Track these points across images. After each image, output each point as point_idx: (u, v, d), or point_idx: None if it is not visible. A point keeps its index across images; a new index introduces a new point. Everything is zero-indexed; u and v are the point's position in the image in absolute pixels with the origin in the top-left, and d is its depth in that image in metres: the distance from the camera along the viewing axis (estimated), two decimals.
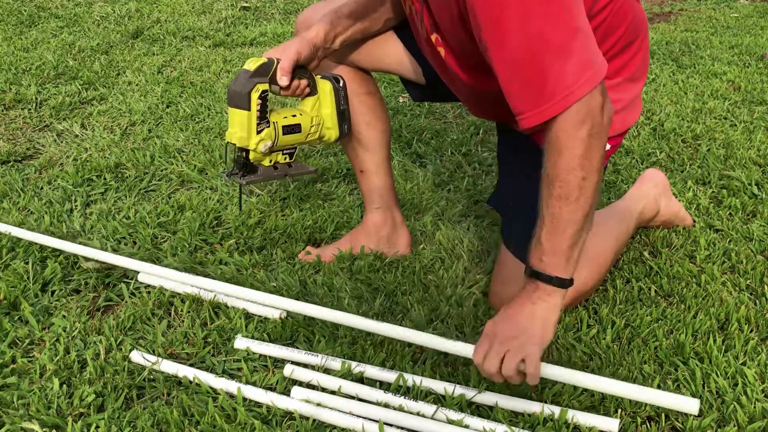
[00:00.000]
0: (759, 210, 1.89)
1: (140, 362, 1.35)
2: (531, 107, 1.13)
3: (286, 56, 1.42)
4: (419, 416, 1.20)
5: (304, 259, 1.70)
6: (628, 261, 1.68)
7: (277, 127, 1.45)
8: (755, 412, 1.20)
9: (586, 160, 1.14)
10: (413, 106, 2.77)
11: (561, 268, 1.17)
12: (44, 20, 4.14)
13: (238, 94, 1.39)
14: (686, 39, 3.73)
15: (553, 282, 1.17)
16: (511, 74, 1.14)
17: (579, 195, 1.15)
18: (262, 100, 1.40)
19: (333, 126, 1.54)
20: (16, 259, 1.68)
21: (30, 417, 1.22)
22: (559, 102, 1.11)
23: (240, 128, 1.41)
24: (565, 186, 1.14)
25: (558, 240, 1.17)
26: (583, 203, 1.16)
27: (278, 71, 1.42)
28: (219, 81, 3.07)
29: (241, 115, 1.40)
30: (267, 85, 1.41)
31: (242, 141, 1.42)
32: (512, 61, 1.13)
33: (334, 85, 1.52)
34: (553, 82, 1.11)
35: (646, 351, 1.36)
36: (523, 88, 1.14)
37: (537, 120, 1.13)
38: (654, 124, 2.54)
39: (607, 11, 1.29)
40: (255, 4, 4.65)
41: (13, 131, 2.54)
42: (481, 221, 1.89)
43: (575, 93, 1.11)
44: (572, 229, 1.16)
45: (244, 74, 1.40)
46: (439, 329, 1.44)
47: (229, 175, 1.48)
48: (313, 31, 1.46)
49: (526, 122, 1.15)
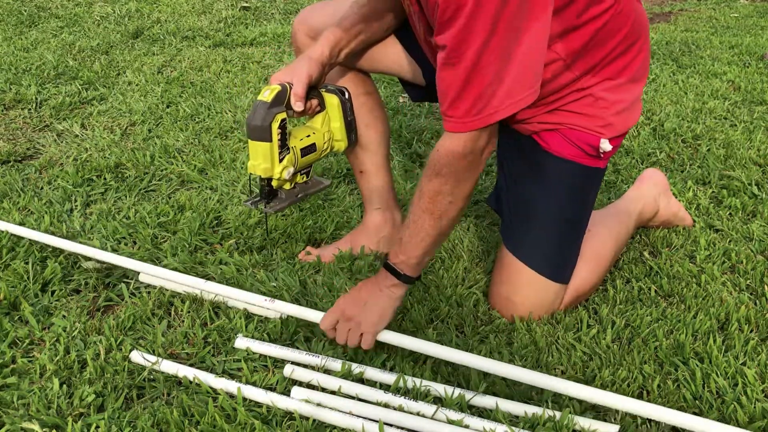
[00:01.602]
0: (759, 210, 1.89)
1: (140, 362, 1.35)
2: (463, 115, 1.21)
3: (299, 80, 1.41)
4: (419, 416, 1.20)
5: (304, 259, 1.70)
6: (628, 261, 1.68)
7: (296, 151, 1.45)
8: (755, 412, 1.20)
9: (457, 188, 1.27)
10: (413, 106, 2.77)
11: (411, 269, 1.33)
12: (44, 20, 4.14)
13: (260, 128, 1.38)
14: (686, 39, 3.73)
15: (401, 278, 1.33)
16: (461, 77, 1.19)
17: (441, 215, 1.28)
18: (282, 129, 1.40)
19: (342, 138, 1.56)
20: (16, 259, 1.68)
21: (30, 417, 1.22)
22: (483, 118, 1.21)
23: (264, 160, 1.40)
24: (433, 204, 1.28)
25: (415, 246, 1.31)
26: (443, 223, 1.29)
27: (293, 97, 1.41)
28: (219, 81, 3.07)
29: (263, 147, 1.39)
30: (285, 114, 1.41)
31: (267, 172, 1.42)
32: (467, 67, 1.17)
33: (341, 98, 1.53)
34: (486, 98, 1.19)
35: (646, 351, 1.36)
36: (462, 95, 1.20)
37: (463, 128, 1.22)
38: (654, 124, 2.54)
39: (610, 13, 1.30)
40: (255, 4, 4.65)
41: (13, 131, 2.54)
42: (481, 221, 1.89)
43: (494, 115, 1.20)
44: (428, 240, 1.30)
45: (262, 106, 1.38)
46: (439, 329, 1.44)
47: (255, 204, 1.48)
48: (318, 49, 1.46)
49: (452, 126, 1.23)
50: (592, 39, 1.30)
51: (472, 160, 1.26)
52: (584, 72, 1.34)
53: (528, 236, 1.46)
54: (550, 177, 1.42)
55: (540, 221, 1.45)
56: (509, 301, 1.46)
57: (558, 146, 1.39)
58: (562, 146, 1.39)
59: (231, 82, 3.05)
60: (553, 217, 1.44)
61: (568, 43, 1.29)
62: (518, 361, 1.34)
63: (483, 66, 1.16)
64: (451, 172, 1.25)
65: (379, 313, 1.33)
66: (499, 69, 1.17)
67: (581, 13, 1.27)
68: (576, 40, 1.29)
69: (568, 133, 1.39)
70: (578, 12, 1.27)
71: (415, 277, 1.34)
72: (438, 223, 1.29)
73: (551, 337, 1.41)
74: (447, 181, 1.26)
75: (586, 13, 1.27)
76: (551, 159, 1.41)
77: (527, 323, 1.44)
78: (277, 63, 3.36)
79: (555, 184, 1.42)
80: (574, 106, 1.37)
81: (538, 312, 1.45)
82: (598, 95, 1.36)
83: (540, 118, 1.39)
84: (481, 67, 1.17)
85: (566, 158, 1.40)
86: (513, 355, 1.36)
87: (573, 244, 1.48)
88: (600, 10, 1.28)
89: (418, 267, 1.34)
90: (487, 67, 1.16)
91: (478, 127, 1.22)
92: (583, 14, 1.27)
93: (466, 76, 1.18)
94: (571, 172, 1.41)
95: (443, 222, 1.29)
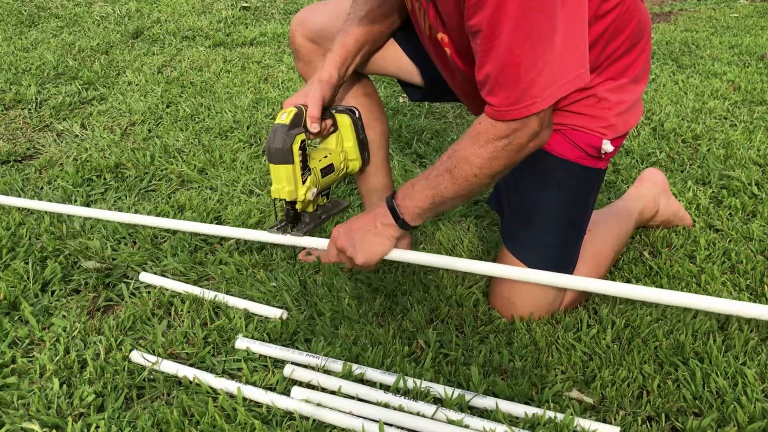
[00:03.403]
0: (759, 210, 1.89)
1: (140, 362, 1.35)
2: (510, 103, 1.18)
3: (313, 103, 1.42)
4: (419, 416, 1.20)
5: (304, 259, 1.70)
6: (628, 261, 1.68)
7: (317, 172, 1.46)
8: (755, 412, 1.20)
9: (486, 165, 1.24)
10: (413, 106, 2.77)
11: (412, 216, 1.34)
12: (44, 20, 4.14)
13: (282, 151, 1.38)
14: (686, 39, 3.73)
15: (398, 221, 1.35)
16: (501, 64, 1.16)
17: (462, 182, 1.27)
18: (302, 150, 1.40)
19: (356, 157, 1.57)
20: (16, 259, 1.68)
21: (30, 417, 1.22)
22: (522, 109, 1.18)
23: (287, 183, 1.40)
24: (457, 169, 1.26)
25: (425, 196, 1.31)
26: (460, 188, 1.28)
27: (308, 119, 1.42)
28: (219, 81, 3.07)
29: (286, 170, 1.39)
30: (304, 134, 1.41)
31: (292, 195, 1.42)
32: (505, 52, 1.14)
33: (352, 117, 1.53)
34: (524, 86, 1.16)
35: (646, 351, 1.36)
36: (505, 81, 1.17)
37: (503, 117, 1.20)
38: (654, 124, 2.54)
39: (616, 12, 1.29)
40: (255, 4, 4.65)
41: (13, 131, 2.54)
42: (481, 221, 1.89)
43: (533, 106, 1.18)
44: (440, 198, 1.30)
45: (281, 129, 1.38)
46: (439, 329, 1.44)
47: (281, 230, 1.49)
48: (327, 72, 1.46)
49: (492, 114, 1.21)
50: (600, 37, 1.30)
51: (513, 144, 1.22)
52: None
53: (528, 237, 1.46)
54: (550, 178, 1.42)
55: (540, 222, 1.45)
56: (509, 301, 1.46)
57: (559, 147, 1.39)
58: (563, 147, 1.39)
59: (231, 82, 3.05)
60: (554, 218, 1.44)
61: None
62: (518, 361, 1.34)
63: (518, 50, 1.13)
64: (487, 147, 1.23)
65: (368, 250, 1.36)
66: (536, 55, 1.13)
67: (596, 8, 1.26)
68: None
69: (569, 134, 1.38)
70: (595, 7, 1.25)
71: (412, 225, 1.35)
72: (455, 187, 1.27)
73: (551, 337, 1.41)
74: (479, 154, 1.23)
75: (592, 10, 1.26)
76: (552, 160, 1.41)
77: (527, 323, 1.44)
78: (277, 63, 3.36)
79: (556, 185, 1.42)
80: (577, 106, 1.37)
81: (538, 312, 1.45)
82: (601, 96, 1.36)
83: None
84: (517, 53, 1.13)
85: (567, 159, 1.40)
86: (513, 355, 1.36)
87: (573, 244, 1.48)
88: (607, 8, 1.28)
89: (419, 217, 1.33)
90: (522, 51, 1.13)
91: (517, 117, 1.19)
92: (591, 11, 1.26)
93: (502, 61, 1.14)
94: (572, 172, 1.41)
95: (460, 189, 1.28)
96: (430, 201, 1.31)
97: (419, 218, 1.34)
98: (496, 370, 1.32)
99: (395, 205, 1.34)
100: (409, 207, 1.32)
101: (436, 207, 1.32)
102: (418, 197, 1.31)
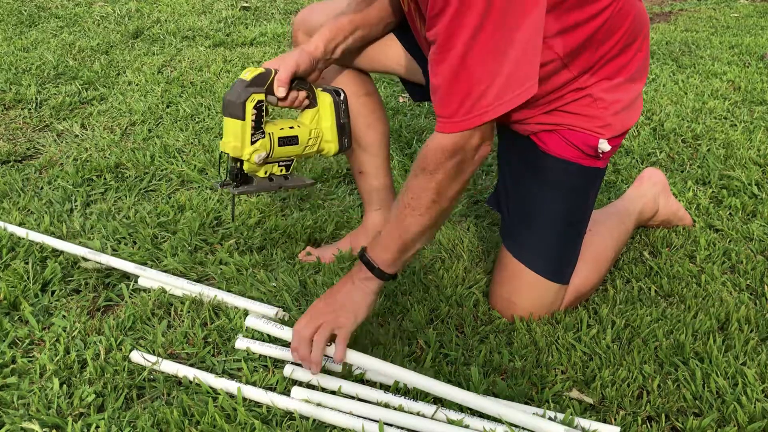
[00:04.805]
0: (759, 210, 1.89)
1: (140, 362, 1.35)
2: (462, 113, 1.18)
3: (284, 67, 1.41)
4: (419, 416, 1.20)
5: (304, 259, 1.70)
6: (628, 261, 1.68)
7: (273, 138, 1.43)
8: (755, 412, 1.20)
9: (443, 188, 1.22)
10: (413, 106, 2.77)
11: (387, 265, 1.28)
12: (44, 20, 4.14)
13: (233, 104, 1.37)
14: (686, 39, 3.73)
15: (374, 272, 1.28)
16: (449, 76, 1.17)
17: (425, 212, 1.24)
18: (257, 110, 1.39)
19: (332, 139, 1.53)
20: (16, 259, 1.68)
21: (30, 417, 1.22)
22: (472, 119, 1.18)
23: (234, 138, 1.39)
24: (416, 200, 1.24)
25: (394, 241, 1.26)
26: (426, 220, 1.25)
27: (275, 82, 1.40)
28: (219, 81, 3.07)
29: (235, 125, 1.38)
30: (263, 96, 1.39)
31: (236, 151, 1.40)
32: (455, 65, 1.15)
33: (335, 98, 1.51)
34: (475, 96, 1.16)
35: (646, 351, 1.36)
36: (458, 91, 1.17)
37: (453, 129, 1.19)
38: (654, 124, 2.54)
39: (608, 12, 1.29)
40: (255, 4, 4.65)
41: (13, 131, 2.54)
42: (481, 221, 1.89)
43: (484, 115, 1.17)
44: (408, 236, 1.26)
45: (240, 83, 1.38)
46: (439, 329, 1.44)
47: (223, 185, 1.45)
48: (313, 44, 1.45)
49: (442, 127, 1.20)
50: (591, 37, 1.30)
51: (462, 160, 1.22)
52: (582, 71, 1.33)
53: (528, 237, 1.46)
54: (549, 178, 1.42)
55: (540, 222, 1.45)
56: (510, 301, 1.46)
57: (556, 147, 1.39)
58: (560, 147, 1.39)
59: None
60: (553, 218, 1.44)
61: (566, 41, 1.28)
62: (518, 361, 1.34)
63: (472, 62, 1.14)
64: (438, 171, 1.22)
65: (352, 306, 1.27)
66: (489, 67, 1.15)
67: (577, 11, 1.26)
68: (574, 38, 1.28)
69: (566, 134, 1.38)
70: (572, 9, 1.25)
71: (389, 274, 1.29)
72: (419, 221, 1.25)
73: (551, 337, 1.41)
74: (433, 178, 1.22)
75: (583, 12, 1.26)
76: (550, 160, 1.41)
77: (527, 323, 1.44)
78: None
79: (554, 185, 1.42)
80: (572, 106, 1.37)
81: (538, 312, 1.45)
82: (596, 95, 1.36)
83: (538, 119, 1.39)
84: (470, 64, 1.14)
85: (565, 159, 1.40)
86: (513, 355, 1.36)
87: (573, 244, 1.48)
88: (598, 8, 1.27)
89: (393, 264, 1.28)
90: (476, 63, 1.14)
91: (468, 127, 1.19)
92: (580, 12, 1.26)
93: (455, 72, 1.15)
94: (571, 172, 1.41)
95: (425, 221, 1.25)
96: (399, 242, 1.26)
97: (394, 264, 1.28)
98: (496, 370, 1.32)
99: (368, 257, 1.28)
100: (380, 254, 1.27)
101: (406, 247, 1.27)
102: (386, 241, 1.27)
